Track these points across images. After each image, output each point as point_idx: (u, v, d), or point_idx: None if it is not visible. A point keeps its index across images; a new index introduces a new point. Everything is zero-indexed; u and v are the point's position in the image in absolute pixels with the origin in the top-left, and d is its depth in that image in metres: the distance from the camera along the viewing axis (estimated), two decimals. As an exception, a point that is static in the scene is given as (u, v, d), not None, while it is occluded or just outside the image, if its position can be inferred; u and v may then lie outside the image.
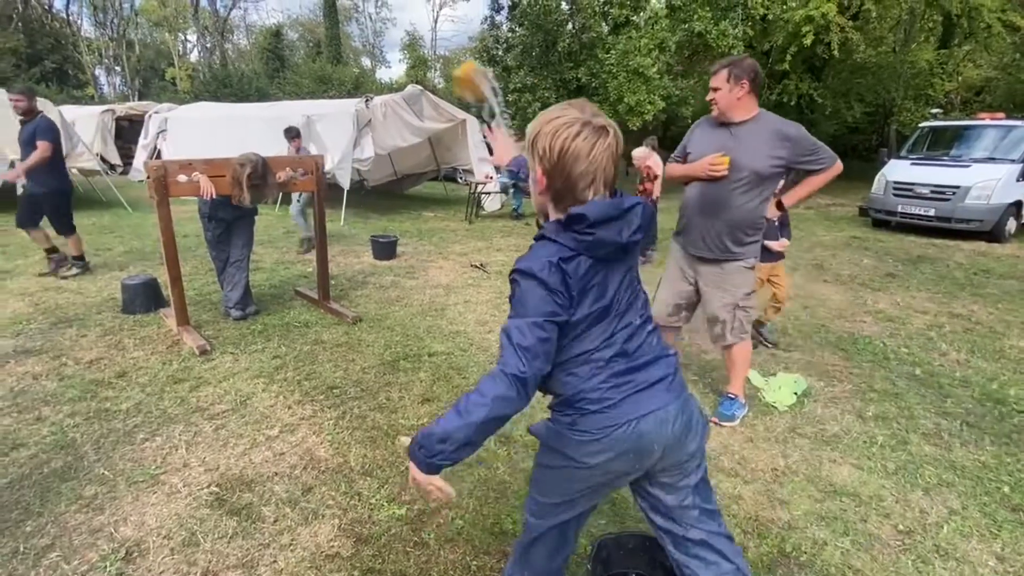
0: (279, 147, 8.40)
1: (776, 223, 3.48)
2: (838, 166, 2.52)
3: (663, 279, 2.96)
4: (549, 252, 1.11)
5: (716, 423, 2.79)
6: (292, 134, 6.07)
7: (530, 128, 1.16)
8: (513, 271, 1.15)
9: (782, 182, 2.80)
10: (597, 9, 12.42)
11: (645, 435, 1.18)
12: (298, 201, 6.54)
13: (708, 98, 2.55)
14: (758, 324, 3.84)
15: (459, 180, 12.92)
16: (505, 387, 1.07)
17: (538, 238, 1.17)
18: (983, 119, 9.20)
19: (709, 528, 1.30)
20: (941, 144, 9.35)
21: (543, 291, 1.09)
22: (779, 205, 2.77)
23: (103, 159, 11.95)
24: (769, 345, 3.86)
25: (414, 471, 1.16)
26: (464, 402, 1.11)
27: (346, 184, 8.45)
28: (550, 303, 1.10)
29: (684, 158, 2.71)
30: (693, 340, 3.85)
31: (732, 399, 2.86)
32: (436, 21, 48.01)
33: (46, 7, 34.22)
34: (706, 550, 1.29)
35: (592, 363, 1.19)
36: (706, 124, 2.69)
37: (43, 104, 8.20)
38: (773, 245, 3.59)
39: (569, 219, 1.11)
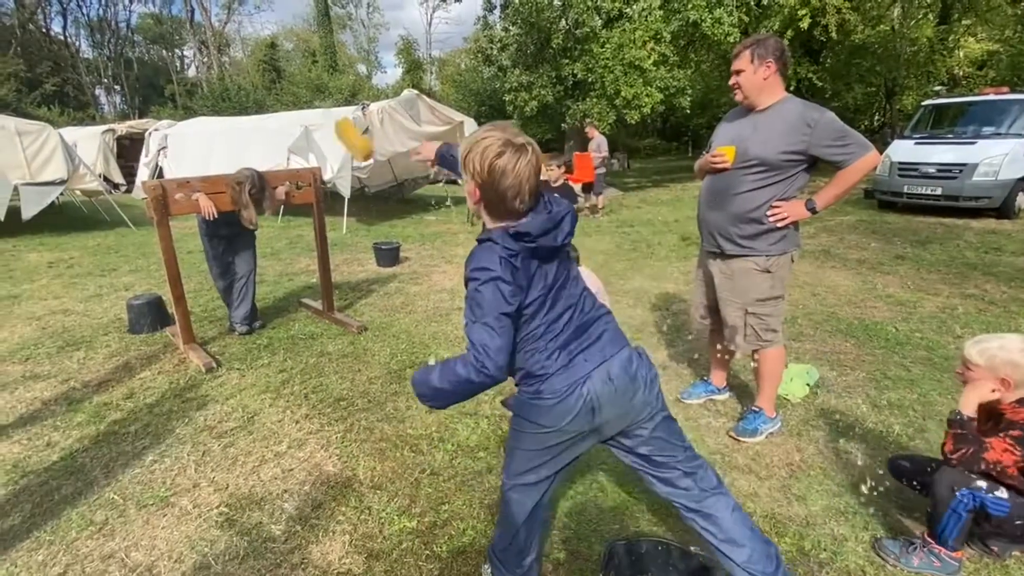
0: (279, 158, 8.44)
1: None
2: (871, 158, 2.22)
3: (694, 281, 2.84)
4: (498, 252, 1.28)
5: (735, 438, 2.61)
6: None
7: (461, 148, 1.34)
8: (471, 272, 1.30)
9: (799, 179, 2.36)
10: (589, 4, 12.31)
11: (595, 393, 1.38)
12: None
13: (731, 83, 2.37)
14: None
15: (459, 182, 12.88)
16: (477, 377, 1.27)
17: (482, 240, 1.33)
18: (988, 94, 9.06)
19: (681, 461, 1.54)
20: (945, 121, 9.21)
21: (498, 283, 1.25)
22: (809, 207, 2.35)
23: (106, 179, 12.04)
24: None
25: None
26: (444, 371, 1.34)
27: (347, 193, 8.45)
28: (507, 294, 1.26)
29: (710, 151, 2.55)
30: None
31: (756, 412, 2.65)
32: (430, 24, 47.96)
33: (44, 30, 34.56)
34: (683, 479, 1.53)
35: (544, 337, 1.38)
36: (731, 115, 2.54)
37: (44, 127, 8.28)
38: None
39: (516, 234, 1.28)
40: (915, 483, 2.05)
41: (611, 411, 1.41)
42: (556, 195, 1.48)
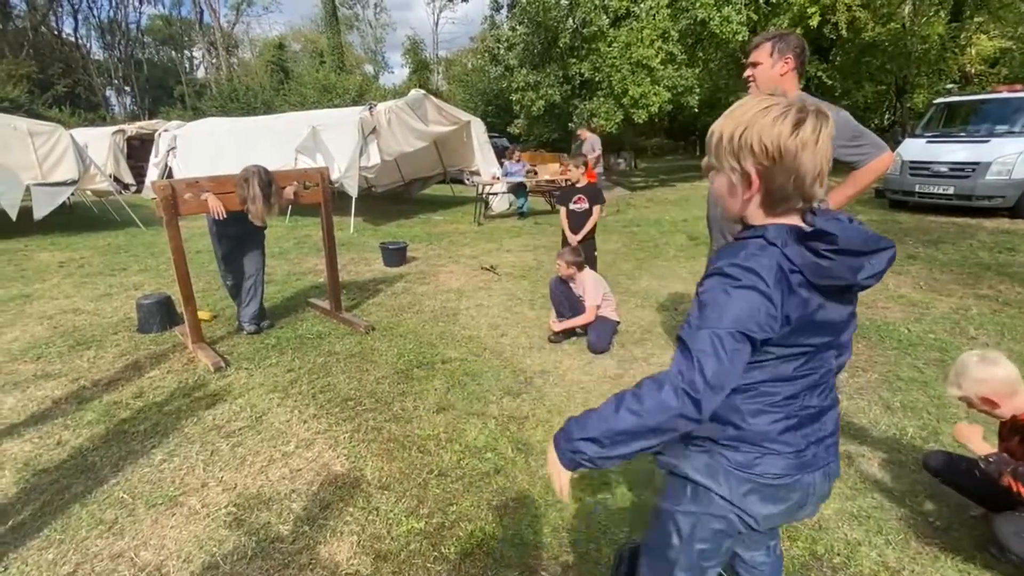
0: (287, 159, 8.46)
1: None
2: (886, 158, 2.19)
3: None
4: (777, 257, 0.96)
5: None
6: None
7: (727, 126, 1.01)
8: (727, 265, 0.96)
9: None
10: (597, 2, 12.27)
11: (813, 491, 1.10)
12: None
13: (745, 75, 2.32)
14: None
15: (466, 181, 12.91)
16: (677, 403, 0.91)
17: (750, 237, 1.01)
18: (1001, 92, 8.94)
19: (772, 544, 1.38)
20: (958, 120, 9.10)
21: (759, 297, 0.93)
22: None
23: (116, 179, 12.14)
24: None
25: (551, 456, 1.06)
26: (625, 402, 0.97)
27: (354, 192, 8.46)
28: (762, 314, 0.93)
29: None
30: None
31: None
32: (437, 24, 47.97)
33: (56, 32, 34.92)
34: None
35: (786, 405, 1.05)
36: None
37: (56, 128, 8.36)
38: None
39: (814, 234, 0.96)
40: (948, 480, 2.05)
41: (805, 511, 1.16)
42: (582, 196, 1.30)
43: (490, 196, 10.22)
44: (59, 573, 1.89)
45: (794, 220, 1.02)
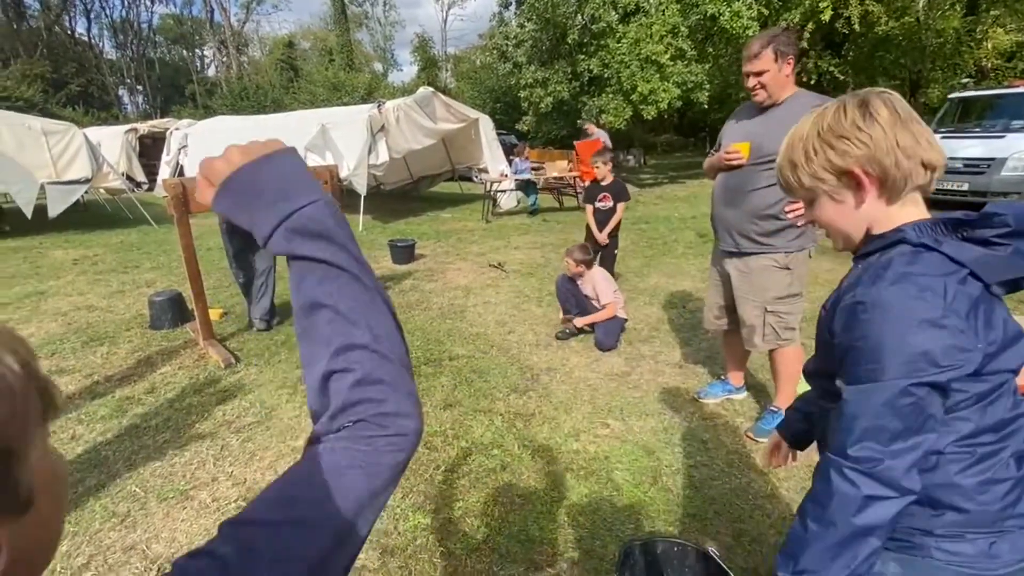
0: (295, 157, 8.51)
1: None
2: None
3: (709, 280, 2.82)
4: (932, 263, 0.76)
5: (751, 438, 2.57)
6: None
7: (794, 151, 0.88)
8: (873, 292, 0.77)
9: None
10: (606, -2, 12.22)
11: None
12: None
13: (751, 84, 2.30)
14: None
15: (474, 179, 12.92)
16: (854, 489, 0.74)
17: (881, 248, 0.83)
18: (1017, 86, 8.80)
19: None
20: (973, 115, 8.98)
21: (929, 328, 0.72)
22: None
23: (129, 177, 12.29)
24: None
25: None
26: (807, 514, 0.80)
27: (363, 190, 8.50)
28: (939, 347, 0.72)
29: (718, 150, 2.55)
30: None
31: (774, 412, 2.61)
32: (446, 21, 47.99)
33: (69, 32, 35.35)
34: None
35: (1015, 458, 0.80)
36: (742, 111, 2.52)
37: (69, 127, 8.47)
38: None
39: (980, 220, 0.77)
40: None
41: None
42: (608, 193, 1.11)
43: (498, 193, 10.23)
44: (73, 565, 1.92)
45: (923, 209, 0.86)
